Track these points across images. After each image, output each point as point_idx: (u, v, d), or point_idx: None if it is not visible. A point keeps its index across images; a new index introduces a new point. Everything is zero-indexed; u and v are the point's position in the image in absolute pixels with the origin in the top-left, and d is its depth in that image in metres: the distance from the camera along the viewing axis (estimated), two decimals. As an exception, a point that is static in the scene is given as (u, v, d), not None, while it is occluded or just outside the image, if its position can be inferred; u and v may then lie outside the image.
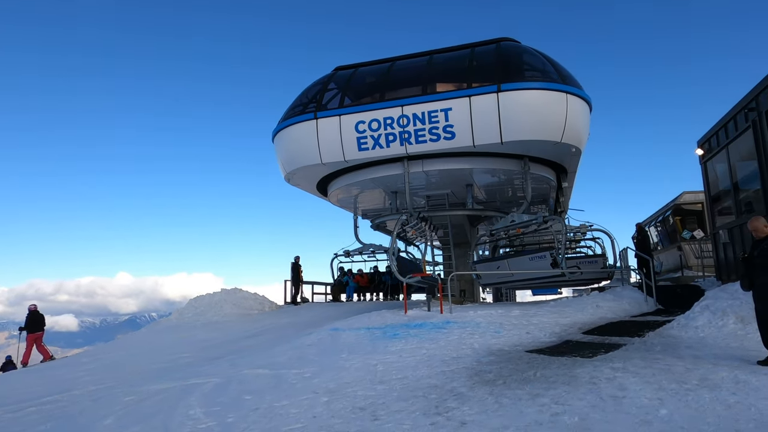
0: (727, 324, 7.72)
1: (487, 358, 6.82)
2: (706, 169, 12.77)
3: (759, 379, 5.01)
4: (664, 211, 19.52)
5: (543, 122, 12.57)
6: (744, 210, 11.10)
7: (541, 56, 13.65)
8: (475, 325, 9.19)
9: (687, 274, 16.76)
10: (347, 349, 7.81)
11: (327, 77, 15.61)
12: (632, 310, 10.69)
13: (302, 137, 14.33)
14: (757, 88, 9.67)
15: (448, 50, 15.01)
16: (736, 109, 10.67)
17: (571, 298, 12.50)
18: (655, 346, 7.18)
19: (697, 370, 5.48)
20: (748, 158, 10.51)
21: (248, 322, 15.02)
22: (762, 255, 5.62)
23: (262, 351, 8.79)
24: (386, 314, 10.93)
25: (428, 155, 13.64)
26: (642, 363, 5.93)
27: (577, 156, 14.20)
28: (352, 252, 18.84)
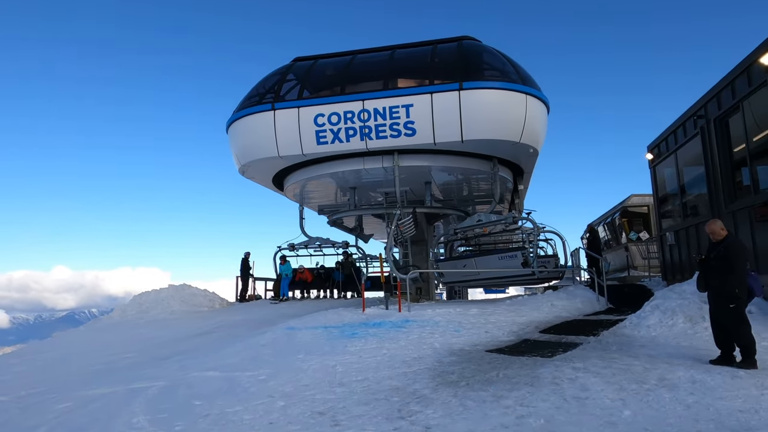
0: (677, 323, 7.96)
1: (449, 358, 6.71)
2: (655, 173, 13.25)
3: (714, 379, 5.12)
4: (613, 213, 20.23)
5: (503, 122, 12.67)
6: (689, 213, 11.57)
7: (502, 56, 13.75)
8: (435, 324, 9.09)
9: (633, 274, 17.41)
10: (304, 350, 7.51)
11: (285, 68, 15.16)
12: (585, 309, 10.92)
13: (258, 129, 13.85)
14: (706, 97, 10.06)
15: (409, 46, 14.89)
16: (686, 117, 11.08)
17: (525, 296, 12.66)
18: (611, 345, 7.30)
19: (655, 369, 5.56)
20: (695, 163, 10.95)
21: (197, 319, 14.36)
22: (718, 257, 5.77)
23: (212, 351, 8.34)
24: (343, 312, 10.68)
25: (388, 151, 13.48)
26: (601, 363, 5.97)
27: (534, 157, 14.42)
28: (298, 245, 18.26)
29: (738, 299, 5.59)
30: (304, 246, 18.30)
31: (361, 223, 19.43)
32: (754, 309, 8.00)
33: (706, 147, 10.15)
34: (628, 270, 17.94)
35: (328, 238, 18.43)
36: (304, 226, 17.52)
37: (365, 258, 20.28)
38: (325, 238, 18.37)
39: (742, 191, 9.20)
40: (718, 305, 5.78)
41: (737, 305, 5.59)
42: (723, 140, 9.56)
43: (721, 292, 5.70)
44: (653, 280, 14.40)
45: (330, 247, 18.69)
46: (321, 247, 18.78)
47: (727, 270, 5.61)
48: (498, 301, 12.55)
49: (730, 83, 9.09)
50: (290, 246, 18.43)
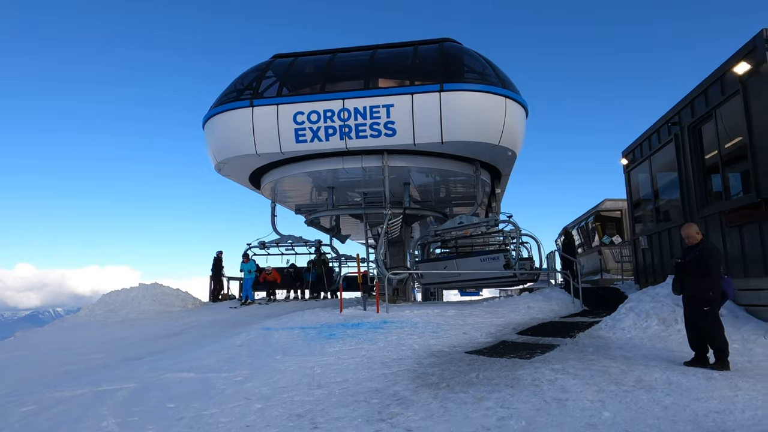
0: (651, 325, 8.09)
1: (428, 359, 6.67)
2: (629, 178, 13.50)
3: (689, 380, 5.20)
4: (587, 217, 20.58)
5: (482, 124, 12.75)
6: (662, 218, 11.82)
7: (482, 59, 13.84)
8: (413, 325, 9.05)
9: (606, 277, 17.72)
10: (281, 351, 7.36)
11: (265, 64, 14.96)
12: (561, 311, 11.04)
13: (236, 125, 13.62)
14: (681, 104, 10.28)
15: (390, 46, 14.88)
16: (660, 123, 11.32)
17: (502, 298, 12.74)
18: (588, 347, 7.36)
19: (632, 371, 5.62)
20: (668, 169, 11.18)
21: (169, 319, 14.02)
22: (693, 261, 5.87)
23: (186, 352, 8.11)
24: (320, 313, 10.55)
25: (368, 151, 13.42)
26: (580, 364, 6.01)
27: (513, 160, 14.56)
28: (269, 243, 17.75)
29: (712, 302, 5.70)
30: (275, 244, 17.83)
31: (339, 224, 19.30)
32: (725, 311, 8.17)
33: (679, 153, 10.38)
34: (601, 273, 18.26)
35: (301, 237, 17.98)
36: (275, 224, 17.15)
37: (339, 258, 19.96)
38: (297, 237, 17.90)
39: (713, 197, 9.43)
40: (693, 308, 5.88)
41: (712, 308, 5.71)
42: (696, 147, 9.79)
43: (696, 295, 5.81)
44: (626, 283, 14.67)
45: (303, 246, 18.22)
46: (293, 246, 18.26)
47: (702, 273, 5.71)
48: (475, 302, 12.59)
49: (703, 91, 9.31)
50: (261, 244, 17.90)
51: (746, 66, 7.72)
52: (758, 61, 7.55)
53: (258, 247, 18.03)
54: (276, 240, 17.55)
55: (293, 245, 18.08)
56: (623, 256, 16.37)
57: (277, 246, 17.96)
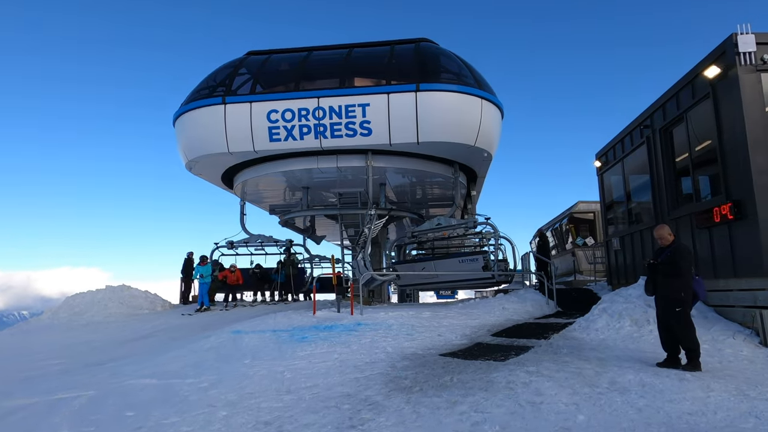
0: (624, 326, 8.12)
1: (402, 362, 6.53)
2: (603, 180, 13.65)
3: (662, 382, 5.18)
4: (561, 219, 20.80)
5: (458, 125, 12.70)
6: (634, 220, 11.96)
7: (459, 60, 13.81)
8: (387, 327, 8.91)
9: (579, 278, 17.91)
10: (251, 354, 7.13)
11: (238, 61, 14.63)
12: (535, 312, 11.05)
13: (208, 123, 13.27)
14: (652, 107, 10.41)
15: (367, 45, 14.73)
16: (633, 126, 11.45)
17: (477, 300, 12.70)
18: (562, 348, 7.34)
19: (606, 373, 5.58)
20: (640, 172, 11.32)
21: (137, 322, 13.57)
22: (665, 262, 5.87)
23: (151, 357, 7.80)
24: (293, 315, 10.33)
25: (343, 150, 13.23)
26: (554, 366, 5.96)
27: (488, 161, 14.57)
28: (237, 243, 17.12)
29: (684, 303, 5.72)
30: (244, 244, 17.16)
31: (314, 224, 19.03)
32: (695, 312, 8.25)
33: (651, 156, 10.50)
34: (575, 274, 18.45)
35: (271, 236, 17.40)
36: (245, 223, 16.62)
37: (312, 258, 19.52)
38: (267, 236, 17.30)
39: (684, 199, 9.56)
40: (665, 309, 5.89)
41: (684, 308, 5.72)
42: (667, 150, 9.91)
43: (668, 296, 5.81)
44: (599, 284, 14.83)
45: (273, 246, 17.66)
46: (263, 246, 17.61)
47: (674, 274, 5.72)
48: (450, 304, 12.52)
49: (675, 95, 9.43)
50: (229, 243, 17.22)
51: (716, 70, 7.82)
52: (728, 65, 7.66)
53: (226, 246, 17.32)
54: (245, 239, 16.95)
55: (263, 245, 17.46)
56: (596, 258, 16.56)
57: (246, 246, 17.33)
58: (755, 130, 7.27)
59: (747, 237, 7.35)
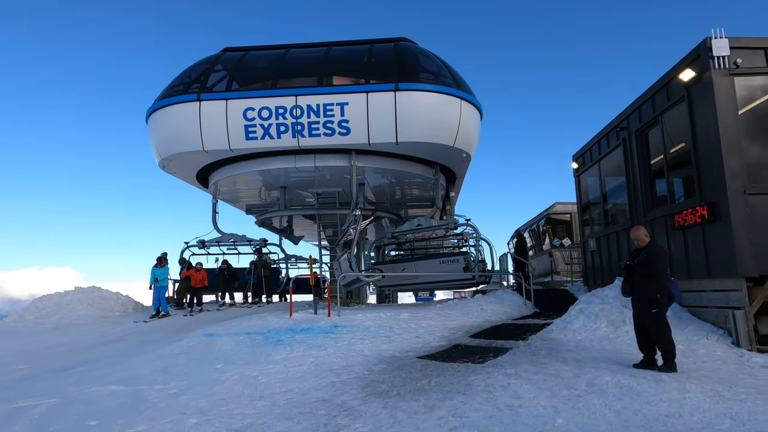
0: (600, 327, 8.17)
1: (379, 366, 6.41)
2: (579, 181, 13.76)
3: (639, 383, 5.18)
4: (538, 220, 20.95)
5: (438, 125, 12.66)
6: (610, 221, 12.07)
7: (438, 60, 13.77)
8: (365, 329, 8.78)
9: (556, 279, 18.07)
10: (223, 359, 6.92)
11: (214, 57, 14.34)
12: (513, 313, 11.06)
13: (182, 120, 12.96)
14: (629, 110, 10.52)
15: (346, 44, 14.60)
16: (609, 128, 11.56)
17: (456, 301, 12.67)
18: (540, 349, 7.33)
19: (584, 375, 5.56)
20: (616, 173, 11.43)
21: (107, 325, 13.15)
22: (641, 263, 5.88)
23: (119, 361, 7.51)
24: (268, 317, 10.12)
25: (321, 149, 13.07)
26: (532, 368, 5.92)
27: (467, 162, 14.57)
28: (209, 242, 16.39)
29: (660, 304, 5.74)
30: (216, 243, 16.47)
31: (291, 224, 18.80)
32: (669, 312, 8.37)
33: (627, 158, 10.61)
34: (552, 275, 18.60)
35: (245, 236, 16.69)
36: (217, 221, 16.05)
37: (288, 258, 19.15)
38: (240, 235, 16.58)
39: (659, 201, 9.67)
40: (641, 310, 5.90)
41: (660, 310, 5.74)
42: (643, 152, 10.02)
43: (644, 297, 5.83)
44: (575, 284, 14.96)
45: (247, 245, 16.94)
46: (236, 245, 16.88)
47: (650, 275, 5.74)
48: (429, 305, 12.46)
49: (650, 97, 9.53)
50: (200, 243, 16.50)
51: (691, 73, 7.91)
52: (702, 69, 7.76)
53: (197, 246, 16.61)
54: (217, 239, 16.30)
55: (236, 244, 16.77)
56: (572, 259, 16.72)
57: (219, 245, 16.66)
58: (729, 133, 7.37)
59: (720, 239, 7.45)
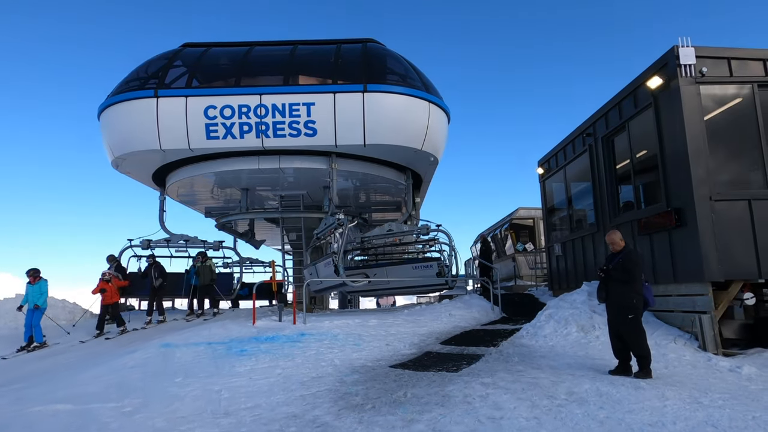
0: (571, 333, 8.15)
1: (351, 376, 6.11)
2: (545, 187, 13.90)
3: (618, 391, 5.10)
4: (501, 225, 21.16)
5: (406, 128, 12.48)
6: (576, 226, 12.21)
7: (406, 62, 13.63)
8: (333, 337, 8.46)
9: (519, 284, 18.23)
10: (183, 372, 6.44)
11: (172, 53, 13.68)
12: (482, 319, 10.98)
13: (138, 117, 12.26)
14: (595, 116, 10.65)
15: (312, 43, 14.24)
16: (575, 134, 11.70)
17: (424, 306, 12.48)
18: (513, 356, 7.21)
19: (562, 383, 5.44)
20: (582, 179, 11.57)
21: (50, 336, 12.26)
22: (617, 268, 5.84)
23: (65, 377, 6.90)
24: (230, 326, 9.62)
25: (285, 150, 12.65)
26: (509, 377, 5.76)
27: (434, 166, 14.46)
28: (156, 243, 14.79)
29: (636, 309, 5.70)
30: (165, 243, 14.81)
31: (253, 228, 18.20)
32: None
33: (593, 164, 10.74)
34: (515, 279, 18.76)
35: (197, 237, 15.38)
36: (164, 219, 14.72)
37: (242, 261, 18.36)
38: (193, 237, 15.23)
39: (624, 207, 9.81)
40: (617, 315, 5.84)
41: (636, 315, 5.70)
42: (609, 158, 10.15)
43: (620, 303, 5.77)
44: (539, 289, 15.09)
45: (200, 247, 15.57)
46: (187, 247, 15.32)
47: (625, 280, 5.70)
48: (396, 311, 12.22)
49: (617, 104, 9.67)
50: (145, 242, 14.68)
51: (658, 81, 8.04)
52: (669, 76, 7.89)
53: (141, 246, 14.80)
54: (166, 239, 14.79)
55: (188, 246, 15.27)
56: (537, 263, 16.89)
57: (168, 246, 15.05)
58: (695, 140, 7.50)
59: (687, 244, 7.56)
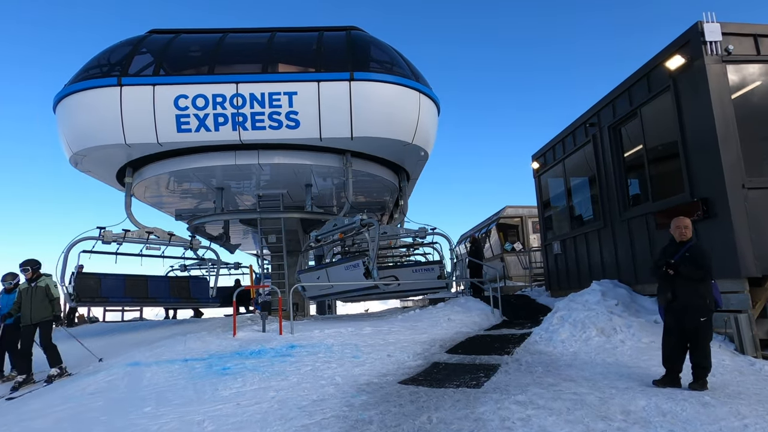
0: (591, 337, 7.41)
1: (359, 397, 5.17)
2: (540, 182, 13.24)
3: (683, 408, 4.33)
4: (488, 224, 20.51)
5: (396, 120, 11.60)
6: (577, 222, 11.56)
7: (394, 50, 12.78)
8: (327, 348, 7.49)
9: (509, 284, 17.56)
10: (155, 398, 5.38)
11: (138, 39, 12.47)
12: (483, 323, 10.19)
13: (99, 108, 11.01)
14: (599, 105, 10.02)
15: (291, 30, 13.23)
16: (576, 125, 11.06)
17: (418, 311, 11.59)
18: (534, 366, 6.41)
19: (611, 399, 4.65)
20: (585, 172, 10.93)
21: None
22: (684, 263, 4.92)
23: (8, 408, 5.74)
24: (208, 338, 8.56)
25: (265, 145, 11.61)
26: (545, 393, 4.94)
27: (424, 161, 13.63)
28: (117, 236, 12.28)
29: (710, 311, 4.92)
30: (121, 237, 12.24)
31: (228, 231, 16.99)
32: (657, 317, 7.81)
33: (598, 155, 10.10)
34: (504, 280, 18.09)
35: (172, 232, 13.54)
36: (130, 207, 12.44)
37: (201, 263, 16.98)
38: (165, 231, 13.36)
39: (636, 199, 9.18)
40: (686, 319, 4.97)
41: (709, 318, 4.93)
42: (617, 148, 9.52)
43: (691, 304, 4.90)
44: (534, 289, 14.44)
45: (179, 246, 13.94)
46: (160, 245, 13.38)
47: (700, 277, 4.88)
48: (391, 316, 11.29)
49: (626, 90, 9.04)
50: (103, 235, 11.98)
51: (680, 60, 7.41)
52: (692, 56, 7.26)
53: (100, 238, 12.06)
54: (136, 232, 12.48)
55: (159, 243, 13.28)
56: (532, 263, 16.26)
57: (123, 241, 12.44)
58: (724, 124, 6.88)
59: (717, 237, 6.92)
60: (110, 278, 14.55)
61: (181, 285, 16.98)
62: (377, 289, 11.68)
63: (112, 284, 14.74)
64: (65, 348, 8.65)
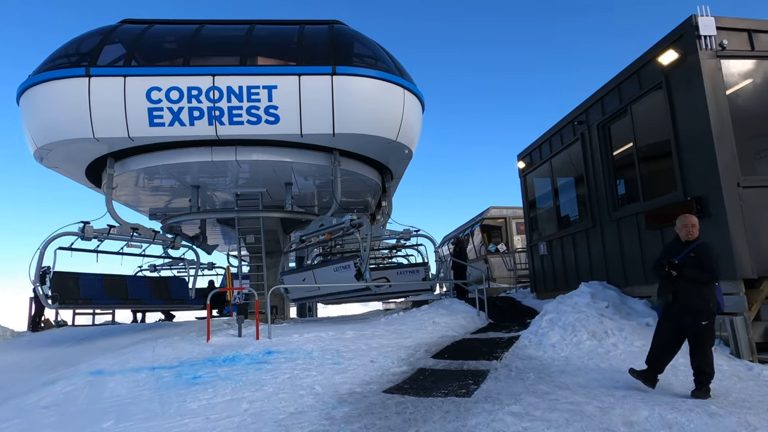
0: (582, 341, 7.13)
1: (340, 409, 4.78)
2: (526, 182, 13.02)
3: (690, 419, 4.03)
4: (472, 225, 20.28)
5: (380, 116, 11.23)
6: (564, 223, 11.34)
7: (378, 45, 12.42)
8: (307, 354, 7.08)
9: (493, 286, 17.33)
10: (116, 411, 4.90)
11: (109, 29, 11.86)
12: (469, 326, 9.88)
13: (66, 100, 10.40)
14: (588, 103, 9.82)
15: (271, 23, 12.78)
16: (563, 123, 10.84)
17: (402, 313, 11.22)
18: (525, 372, 6.09)
19: (611, 409, 4.34)
20: (572, 171, 10.72)
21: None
22: (688, 263, 4.62)
23: (-48, 423, 5.18)
24: (179, 344, 8.05)
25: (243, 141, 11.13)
26: (540, 402, 4.62)
27: (408, 160, 13.29)
28: (98, 232, 11.57)
29: (712, 315, 4.65)
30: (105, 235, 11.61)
31: (205, 231, 16.39)
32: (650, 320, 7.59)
33: (586, 154, 9.88)
34: (488, 281, 17.86)
35: (155, 230, 13.01)
36: (112, 203, 11.58)
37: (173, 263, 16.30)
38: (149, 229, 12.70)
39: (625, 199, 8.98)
40: (685, 322, 4.72)
41: (710, 322, 4.66)
42: (606, 147, 9.31)
43: (692, 306, 4.63)
44: (519, 291, 14.21)
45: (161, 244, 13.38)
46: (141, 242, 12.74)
47: (705, 279, 4.60)
48: (374, 319, 10.91)
49: (616, 87, 8.83)
50: (83, 229, 11.27)
51: (673, 55, 7.19)
52: (686, 50, 7.05)
53: (79, 234, 11.28)
54: (119, 229, 11.77)
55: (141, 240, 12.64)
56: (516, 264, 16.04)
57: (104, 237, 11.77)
58: (720, 121, 6.68)
59: (712, 237, 6.68)
60: (87, 278, 13.61)
61: (161, 285, 16.32)
62: (367, 291, 11.29)
63: (89, 284, 13.83)
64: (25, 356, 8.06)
